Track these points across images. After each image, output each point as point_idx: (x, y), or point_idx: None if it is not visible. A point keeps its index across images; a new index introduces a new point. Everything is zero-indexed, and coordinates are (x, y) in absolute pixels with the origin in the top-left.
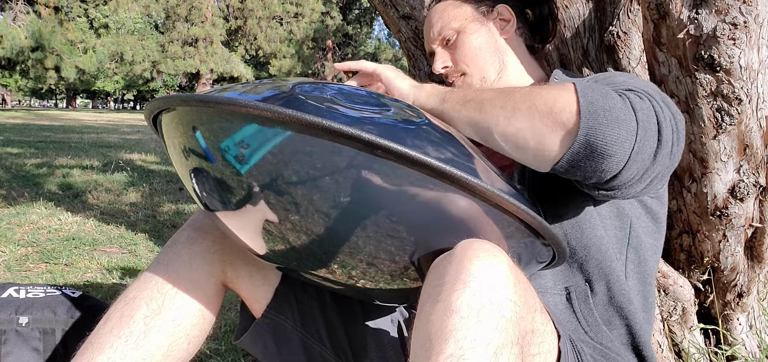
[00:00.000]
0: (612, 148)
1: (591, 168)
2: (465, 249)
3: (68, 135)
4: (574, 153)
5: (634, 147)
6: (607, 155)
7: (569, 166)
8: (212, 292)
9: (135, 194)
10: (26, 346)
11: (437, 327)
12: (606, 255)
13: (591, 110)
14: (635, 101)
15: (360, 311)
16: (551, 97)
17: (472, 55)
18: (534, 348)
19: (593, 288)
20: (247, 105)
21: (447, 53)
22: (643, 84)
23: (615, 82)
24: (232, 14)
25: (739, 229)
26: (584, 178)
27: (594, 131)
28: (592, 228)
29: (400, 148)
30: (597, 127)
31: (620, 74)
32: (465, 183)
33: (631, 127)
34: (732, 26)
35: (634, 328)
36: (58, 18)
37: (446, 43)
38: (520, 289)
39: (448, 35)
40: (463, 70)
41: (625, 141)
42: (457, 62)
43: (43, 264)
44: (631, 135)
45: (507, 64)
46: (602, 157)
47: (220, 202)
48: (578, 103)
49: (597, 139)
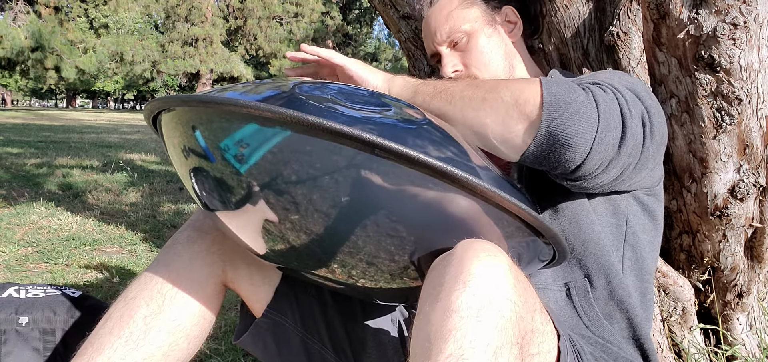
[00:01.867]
0: (573, 139)
1: (555, 158)
2: (465, 249)
3: (68, 135)
4: (537, 144)
5: (595, 138)
6: (569, 146)
7: (534, 157)
8: (212, 292)
9: (135, 194)
10: (26, 346)
11: (437, 327)
12: (604, 250)
13: (553, 103)
14: (598, 94)
15: (360, 311)
16: (517, 90)
17: (485, 60)
18: (534, 348)
19: (593, 283)
20: (246, 105)
21: (456, 56)
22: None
23: (595, 79)
24: (232, 14)
25: (739, 229)
26: (550, 168)
27: (555, 122)
28: (590, 223)
29: (400, 147)
30: (558, 118)
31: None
32: (465, 183)
33: (591, 118)
34: (732, 26)
35: (634, 321)
36: (58, 18)
37: (454, 46)
38: (519, 289)
39: (457, 38)
40: (474, 74)
41: (585, 132)
42: (469, 66)
43: (43, 264)
44: (592, 126)
45: (515, 67)
46: (564, 148)
47: (220, 202)
48: (542, 95)
49: (558, 130)
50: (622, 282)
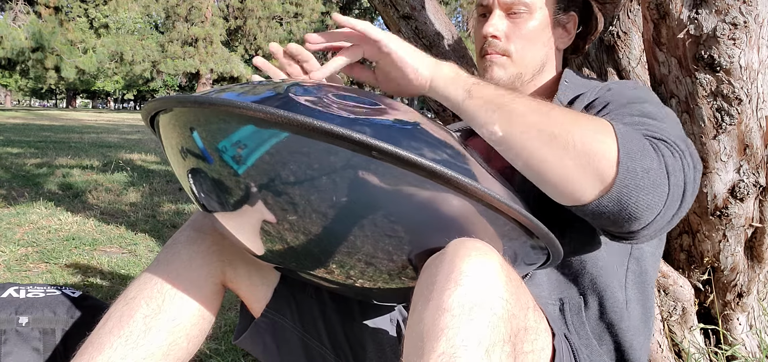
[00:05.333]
0: (642, 212)
1: (612, 221)
2: (457, 248)
3: (68, 135)
4: (602, 206)
5: (660, 212)
6: (635, 218)
7: (592, 214)
8: (212, 292)
9: (135, 194)
10: (26, 346)
11: (429, 326)
12: (603, 271)
13: (630, 167)
14: (669, 161)
15: (358, 310)
16: (591, 137)
17: (529, 47)
18: (527, 346)
19: (587, 302)
20: (241, 106)
21: (505, 22)
22: (674, 128)
23: (646, 113)
24: (232, 14)
25: (739, 229)
26: (601, 225)
27: (628, 192)
28: None
29: (393, 149)
30: (633, 188)
31: (647, 97)
32: (457, 184)
33: (663, 192)
34: (732, 26)
35: (623, 345)
36: (58, 18)
37: (509, 12)
38: (511, 287)
39: (518, 8)
40: (509, 52)
41: (654, 206)
42: (510, 38)
43: (43, 264)
44: (662, 201)
45: (544, 71)
46: (628, 218)
47: (218, 203)
48: (618, 153)
49: (630, 201)
50: (617, 304)
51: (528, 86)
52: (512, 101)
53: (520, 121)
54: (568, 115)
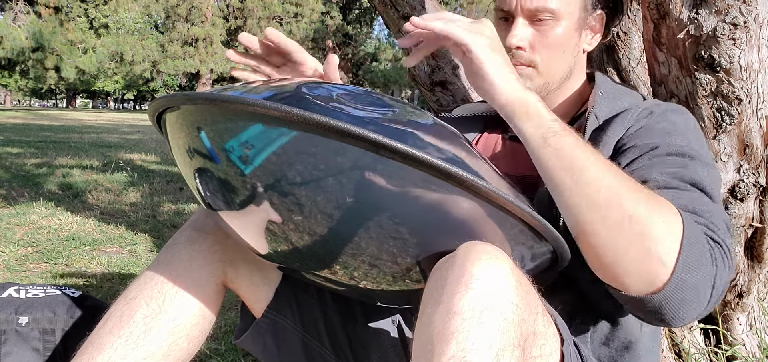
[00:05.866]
0: (676, 320)
1: (644, 313)
2: (467, 251)
3: (68, 135)
4: (641, 300)
5: (697, 312)
6: (667, 321)
7: (625, 300)
8: (212, 292)
9: (135, 194)
10: (26, 346)
11: (439, 329)
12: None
13: (682, 280)
14: (719, 271)
15: (360, 311)
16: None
17: (556, 56)
18: (536, 351)
19: (596, 324)
20: (253, 103)
21: (530, 31)
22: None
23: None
24: (232, 14)
25: (739, 229)
26: (631, 310)
27: (671, 302)
28: None
29: (405, 148)
30: (677, 302)
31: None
32: (469, 184)
33: (702, 305)
34: (732, 26)
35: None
36: (58, 18)
37: (533, 19)
38: (521, 292)
39: (543, 15)
40: (535, 63)
41: (689, 318)
42: (536, 48)
43: (43, 264)
44: (697, 314)
45: (571, 78)
46: (661, 320)
47: (224, 202)
48: (677, 261)
49: (670, 309)
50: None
51: (555, 94)
52: (587, 168)
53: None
54: (641, 203)
